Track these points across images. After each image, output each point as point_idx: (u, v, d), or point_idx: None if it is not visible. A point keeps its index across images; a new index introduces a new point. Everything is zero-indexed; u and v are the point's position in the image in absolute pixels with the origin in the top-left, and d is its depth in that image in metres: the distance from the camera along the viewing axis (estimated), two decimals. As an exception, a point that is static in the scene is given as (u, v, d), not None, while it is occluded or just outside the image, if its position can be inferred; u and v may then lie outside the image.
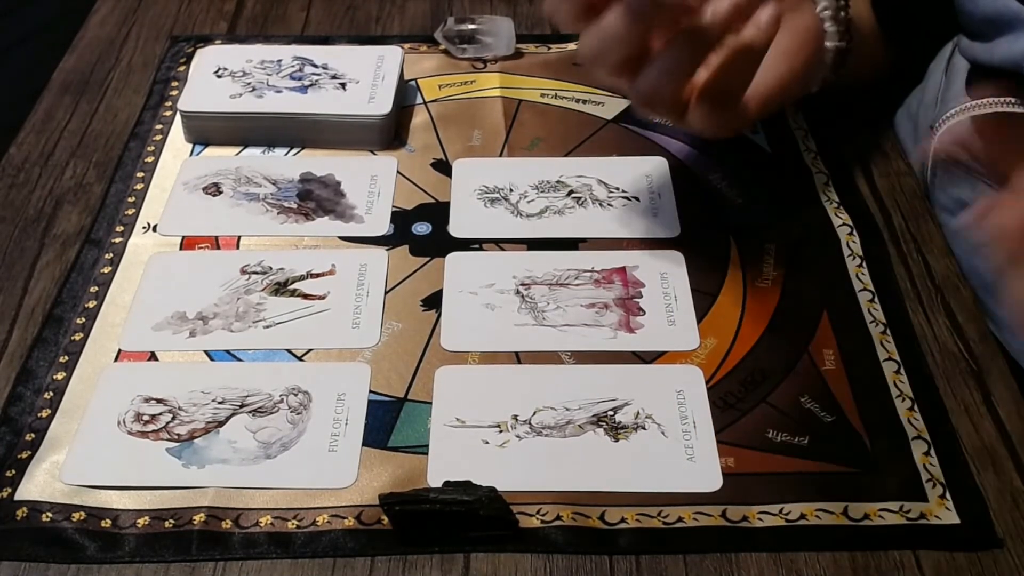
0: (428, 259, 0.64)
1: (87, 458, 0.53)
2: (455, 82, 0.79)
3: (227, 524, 0.50)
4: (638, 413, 0.55)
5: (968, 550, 0.49)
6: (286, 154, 0.72)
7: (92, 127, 0.75)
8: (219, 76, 0.75)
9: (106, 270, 0.63)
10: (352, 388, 0.56)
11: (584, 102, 0.76)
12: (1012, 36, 0.59)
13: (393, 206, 0.68)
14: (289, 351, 0.58)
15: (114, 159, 0.72)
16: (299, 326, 0.60)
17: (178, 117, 0.73)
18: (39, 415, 0.55)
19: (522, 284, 0.62)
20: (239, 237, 0.66)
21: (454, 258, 0.64)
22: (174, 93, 0.77)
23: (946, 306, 0.61)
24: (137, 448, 0.53)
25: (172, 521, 0.50)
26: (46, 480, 0.52)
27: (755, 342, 0.59)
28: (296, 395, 0.56)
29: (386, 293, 0.62)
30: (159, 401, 0.55)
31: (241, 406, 0.55)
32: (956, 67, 0.66)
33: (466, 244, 0.65)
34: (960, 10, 0.64)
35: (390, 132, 0.73)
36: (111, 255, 0.64)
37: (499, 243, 0.65)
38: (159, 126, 0.75)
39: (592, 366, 0.57)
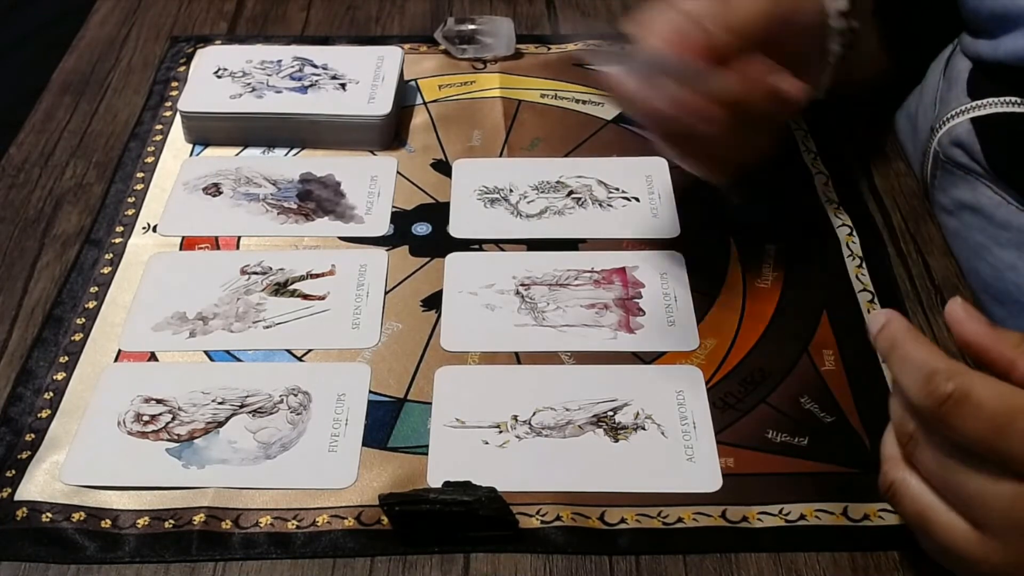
0: (428, 259, 0.64)
1: (87, 458, 0.53)
2: (455, 82, 0.79)
3: (227, 524, 0.50)
4: (638, 413, 0.55)
5: (968, 550, 0.49)
6: (286, 154, 0.72)
7: (92, 127, 0.75)
8: (219, 76, 0.75)
9: (106, 270, 0.63)
10: (352, 388, 0.56)
11: (584, 102, 0.76)
12: (1017, 33, 0.59)
13: (393, 206, 0.68)
14: (289, 351, 0.58)
15: (114, 159, 0.72)
16: (299, 326, 0.60)
17: (178, 117, 0.73)
18: (39, 415, 0.55)
19: (522, 284, 0.62)
20: (239, 237, 0.66)
21: (454, 258, 0.64)
22: (174, 93, 0.77)
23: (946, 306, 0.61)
24: (137, 448, 0.53)
25: (172, 521, 0.50)
26: (46, 480, 0.52)
27: (755, 342, 0.59)
28: (296, 395, 0.56)
29: (386, 293, 0.62)
30: (159, 401, 0.55)
31: (241, 406, 0.55)
32: (955, 68, 0.66)
33: (466, 244, 0.65)
34: (964, 7, 0.64)
35: (390, 132, 0.73)
36: (111, 255, 0.64)
37: (499, 243, 0.65)
38: (159, 126, 0.75)
39: (592, 366, 0.57)
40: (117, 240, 0.65)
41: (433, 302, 0.61)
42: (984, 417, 0.39)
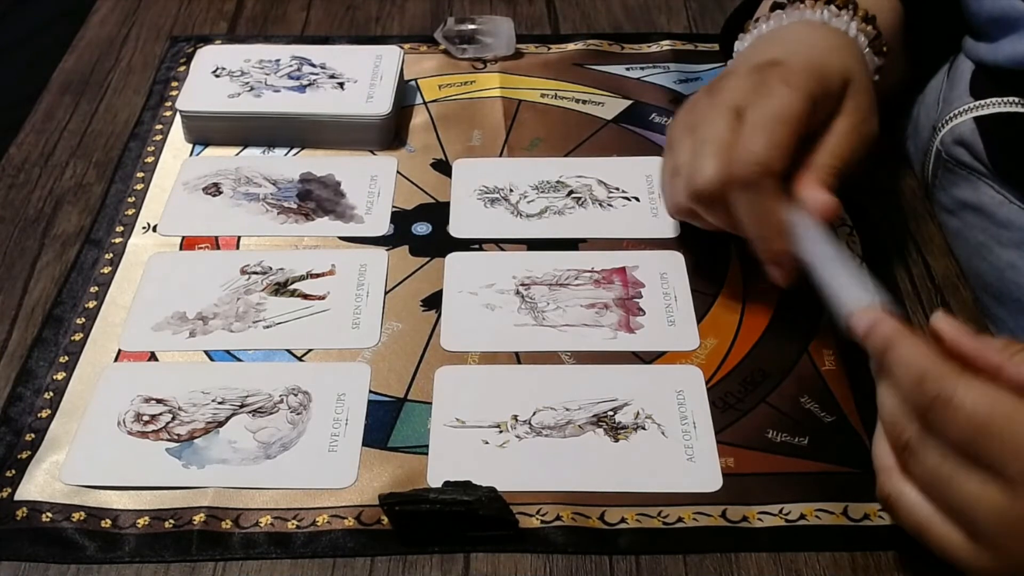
0: (428, 259, 0.64)
1: (87, 458, 0.53)
2: (455, 82, 0.79)
3: (227, 524, 0.50)
4: (638, 413, 0.55)
5: (968, 550, 0.49)
6: (286, 154, 0.72)
7: (92, 127, 0.75)
8: (217, 76, 0.75)
9: (106, 270, 0.63)
10: (352, 388, 0.56)
11: (584, 102, 0.76)
12: (1016, 36, 0.59)
13: (393, 206, 0.68)
14: (289, 351, 0.58)
15: (114, 159, 0.72)
16: (299, 326, 0.60)
17: (178, 117, 0.73)
18: (39, 415, 0.55)
19: (522, 284, 0.62)
20: (239, 237, 0.66)
21: (454, 258, 0.64)
22: (174, 93, 0.77)
23: (946, 306, 0.61)
24: (137, 448, 0.53)
25: (172, 521, 0.50)
26: (46, 480, 0.52)
27: (755, 342, 0.59)
28: (296, 395, 0.56)
29: (386, 293, 0.62)
30: (159, 401, 0.55)
31: (241, 406, 0.55)
32: (959, 68, 0.66)
33: (466, 244, 0.65)
34: (965, 10, 0.64)
35: (390, 132, 0.73)
36: (111, 255, 0.64)
37: (499, 243, 0.65)
38: (159, 126, 0.75)
39: (592, 366, 0.57)
40: (117, 240, 0.65)
41: (433, 302, 0.61)
42: (964, 420, 0.39)
